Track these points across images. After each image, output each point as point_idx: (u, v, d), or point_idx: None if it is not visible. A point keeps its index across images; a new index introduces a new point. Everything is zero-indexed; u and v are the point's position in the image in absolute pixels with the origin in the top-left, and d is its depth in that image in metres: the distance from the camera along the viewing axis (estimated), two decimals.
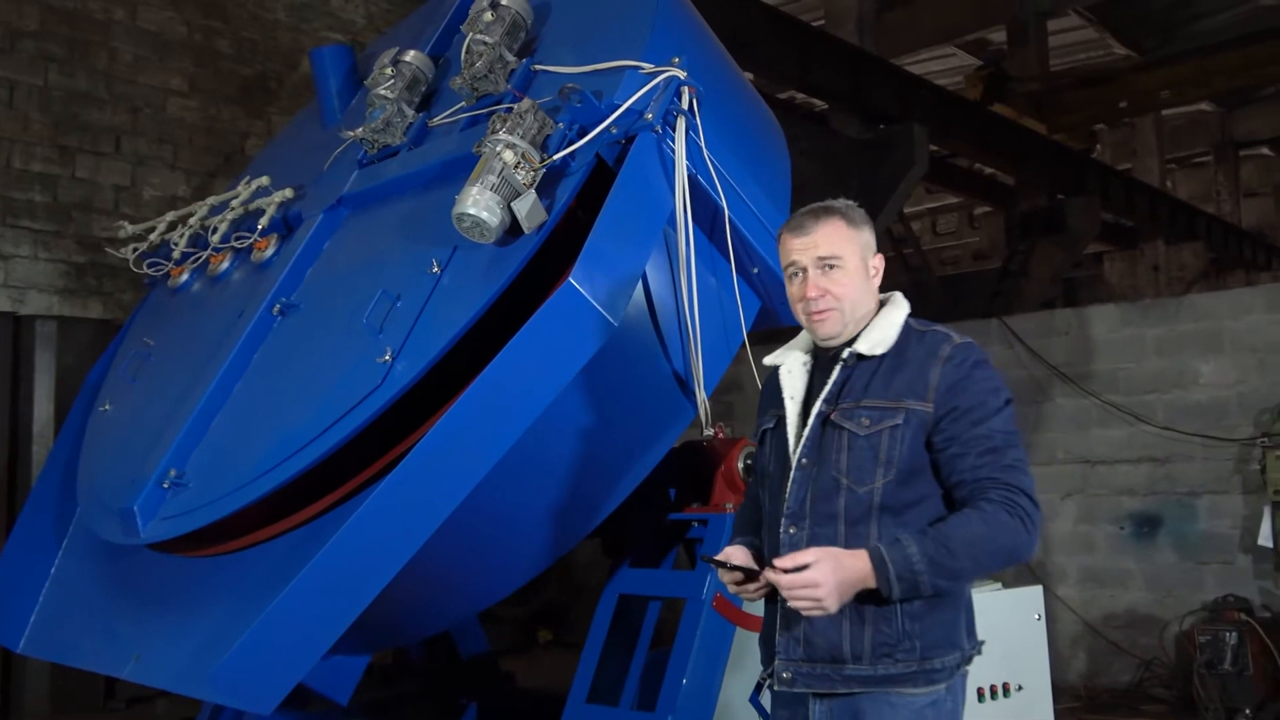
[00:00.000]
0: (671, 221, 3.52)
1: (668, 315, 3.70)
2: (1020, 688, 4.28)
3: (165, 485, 3.68)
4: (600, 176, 3.41)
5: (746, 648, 3.82)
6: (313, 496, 3.43)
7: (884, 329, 2.72)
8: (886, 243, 13.26)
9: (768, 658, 2.79)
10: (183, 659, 3.33)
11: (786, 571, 2.48)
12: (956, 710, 2.67)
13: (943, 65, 18.15)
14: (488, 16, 3.89)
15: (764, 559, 2.73)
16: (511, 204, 3.23)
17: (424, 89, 4.29)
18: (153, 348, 4.61)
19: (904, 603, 2.56)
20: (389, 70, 4.19)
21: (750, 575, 2.68)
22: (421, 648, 4.90)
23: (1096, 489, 8.27)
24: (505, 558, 3.85)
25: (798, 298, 2.75)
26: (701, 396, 3.74)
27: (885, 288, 2.86)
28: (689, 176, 3.49)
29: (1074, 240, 15.25)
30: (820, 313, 2.71)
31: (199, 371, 4.01)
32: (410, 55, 4.26)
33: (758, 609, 3.82)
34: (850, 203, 2.80)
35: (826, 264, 2.70)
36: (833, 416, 2.67)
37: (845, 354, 2.71)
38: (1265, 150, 22.96)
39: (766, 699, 3.88)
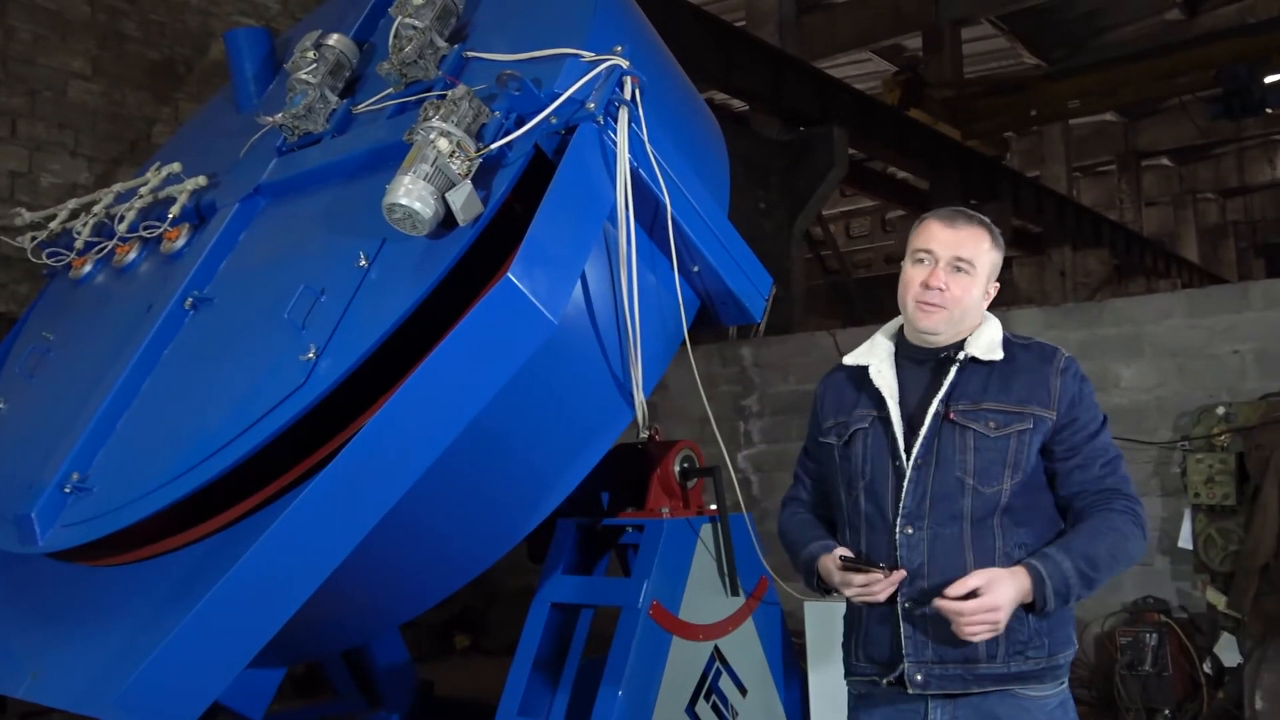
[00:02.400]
0: (612, 217, 3.39)
1: (605, 314, 3.56)
2: None
3: (67, 490, 3.45)
4: (537, 168, 3.26)
5: (682, 657, 3.72)
6: (228, 502, 3.22)
7: (992, 336, 2.79)
8: (805, 245, 13.27)
9: (870, 663, 2.79)
10: (87, 677, 3.09)
11: (959, 598, 2.52)
12: (1075, 711, 2.78)
13: (858, 70, 18.33)
14: (418, 0, 3.73)
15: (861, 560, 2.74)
16: (446, 195, 3.07)
17: (347, 74, 4.10)
18: (53, 342, 4.36)
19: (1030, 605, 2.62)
20: (311, 54, 3.99)
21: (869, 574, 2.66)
22: (338, 659, 4.71)
23: None
24: (430, 569, 3.69)
25: (914, 281, 2.77)
26: (640, 398, 3.61)
27: (813, 291, 2.88)
28: (631, 170, 3.36)
29: None
30: (930, 304, 2.74)
31: (104, 368, 3.77)
32: (334, 39, 4.07)
33: (699, 617, 3.75)
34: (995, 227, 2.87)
35: (959, 265, 2.75)
36: (953, 416, 2.70)
37: (960, 355, 2.76)
38: (1165, 160, 23.66)
39: (703, 709, 3.79)
